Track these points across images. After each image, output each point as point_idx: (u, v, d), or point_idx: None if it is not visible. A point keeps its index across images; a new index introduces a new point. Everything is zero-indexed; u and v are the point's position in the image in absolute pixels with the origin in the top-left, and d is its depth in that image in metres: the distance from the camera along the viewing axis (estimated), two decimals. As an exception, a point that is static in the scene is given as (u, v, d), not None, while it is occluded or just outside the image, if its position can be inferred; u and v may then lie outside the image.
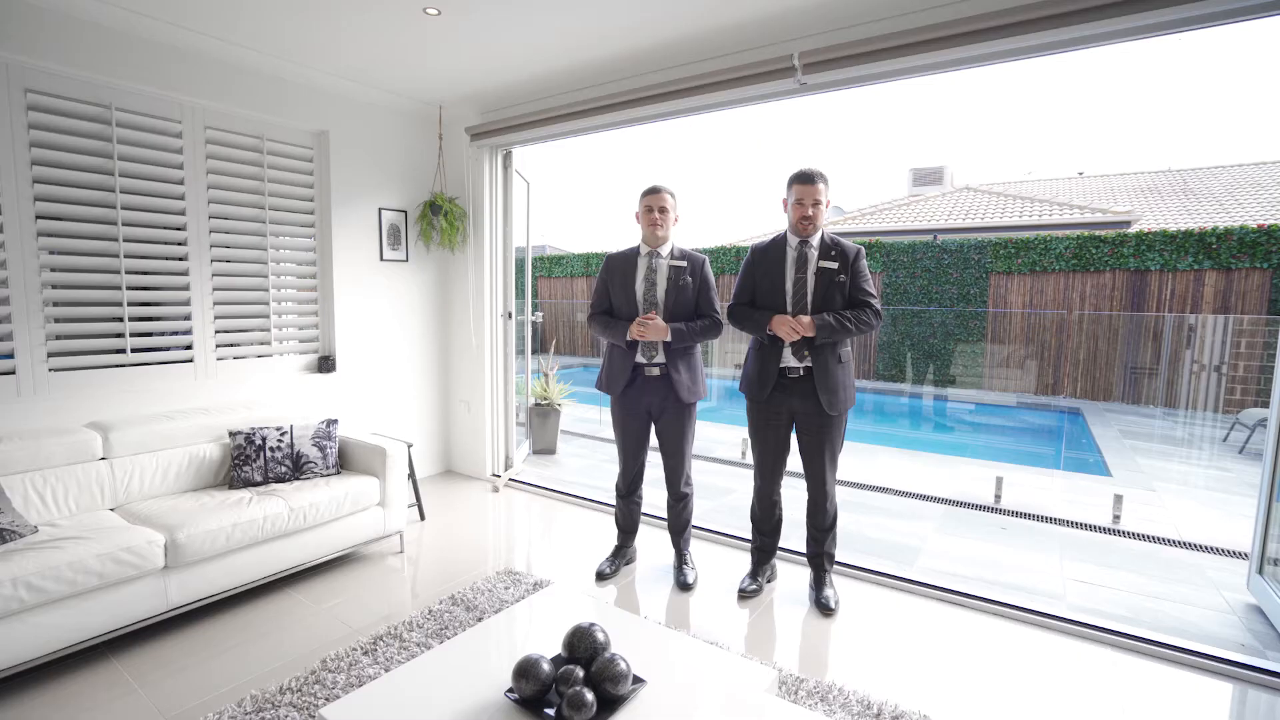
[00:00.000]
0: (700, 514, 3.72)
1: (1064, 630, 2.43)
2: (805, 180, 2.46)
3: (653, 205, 2.67)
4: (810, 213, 2.44)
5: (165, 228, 3.05)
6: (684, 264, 2.70)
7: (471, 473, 4.38)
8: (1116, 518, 3.79)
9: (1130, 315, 8.17)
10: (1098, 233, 8.64)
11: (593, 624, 1.59)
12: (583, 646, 1.54)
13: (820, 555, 2.68)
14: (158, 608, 2.22)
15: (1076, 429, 7.14)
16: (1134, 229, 9.05)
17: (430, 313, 4.30)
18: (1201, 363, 7.17)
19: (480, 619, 2.41)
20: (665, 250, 2.72)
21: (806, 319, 2.44)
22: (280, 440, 2.90)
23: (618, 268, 2.76)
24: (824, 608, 2.56)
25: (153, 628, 2.33)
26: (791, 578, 2.88)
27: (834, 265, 2.45)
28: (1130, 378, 8.13)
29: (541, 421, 5.00)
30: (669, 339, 2.62)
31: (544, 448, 5.04)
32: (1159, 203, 13.13)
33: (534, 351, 5.18)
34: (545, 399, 5.03)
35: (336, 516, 2.78)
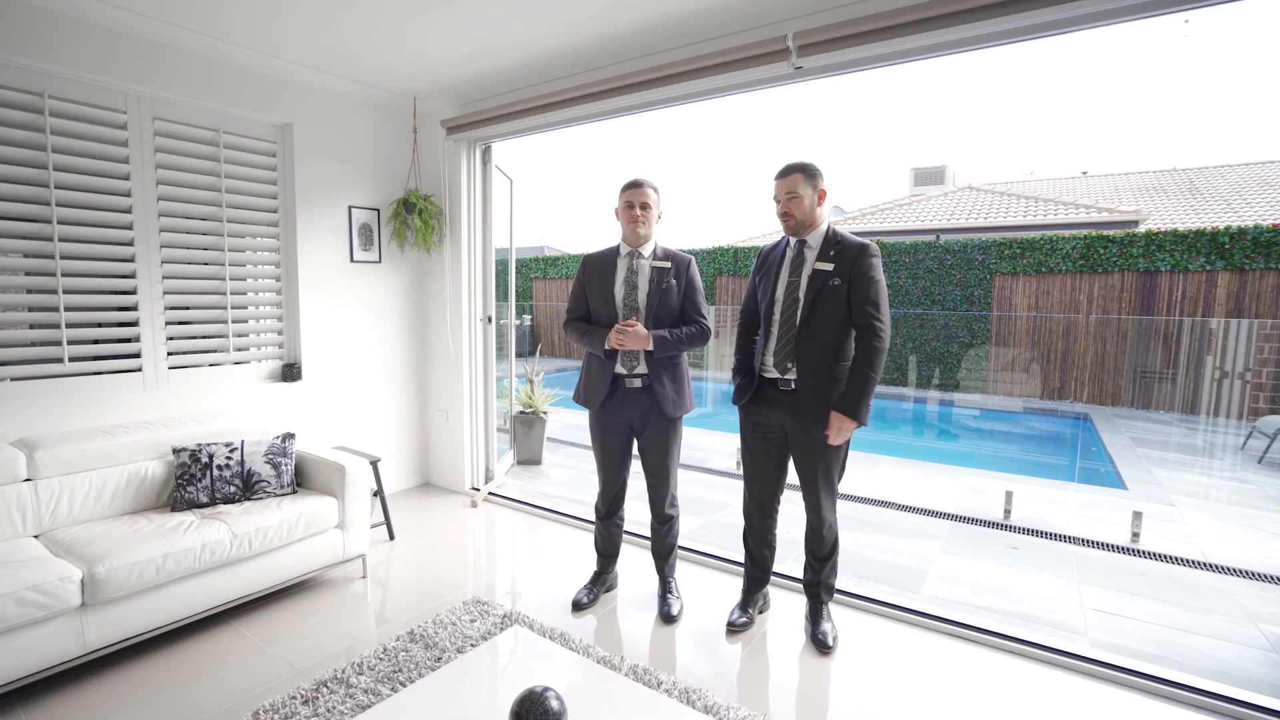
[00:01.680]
0: (689, 531, 3.49)
1: (1087, 672, 2.18)
2: (780, 174, 2.23)
3: (634, 201, 2.43)
4: (786, 208, 2.21)
5: (109, 226, 2.82)
6: (668, 265, 2.47)
7: (450, 486, 4.15)
8: (1135, 535, 3.54)
9: (1142, 319, 7.92)
10: (1105, 232, 8.40)
11: (546, 689, 1.36)
12: (532, 718, 1.31)
13: (817, 586, 2.44)
14: (73, 651, 1.98)
15: (1086, 436, 6.90)
16: (1142, 228, 8.81)
17: (405, 316, 4.06)
18: (1224, 369, 6.89)
19: (440, 658, 2.17)
20: (647, 250, 2.48)
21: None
22: (229, 457, 2.67)
23: (595, 269, 2.52)
24: (821, 644, 2.32)
25: (71, 672, 2.09)
26: (786, 607, 2.64)
27: (828, 267, 2.20)
28: (1140, 382, 7.88)
29: (526, 430, 4.76)
30: (651, 348, 2.38)
31: (528, 458, 4.80)
32: (1165, 202, 12.88)
33: (519, 355, 4.95)
34: (530, 406, 4.79)
35: (288, 542, 2.54)
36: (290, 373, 3.47)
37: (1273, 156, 14.49)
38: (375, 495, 3.27)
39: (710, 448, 5.58)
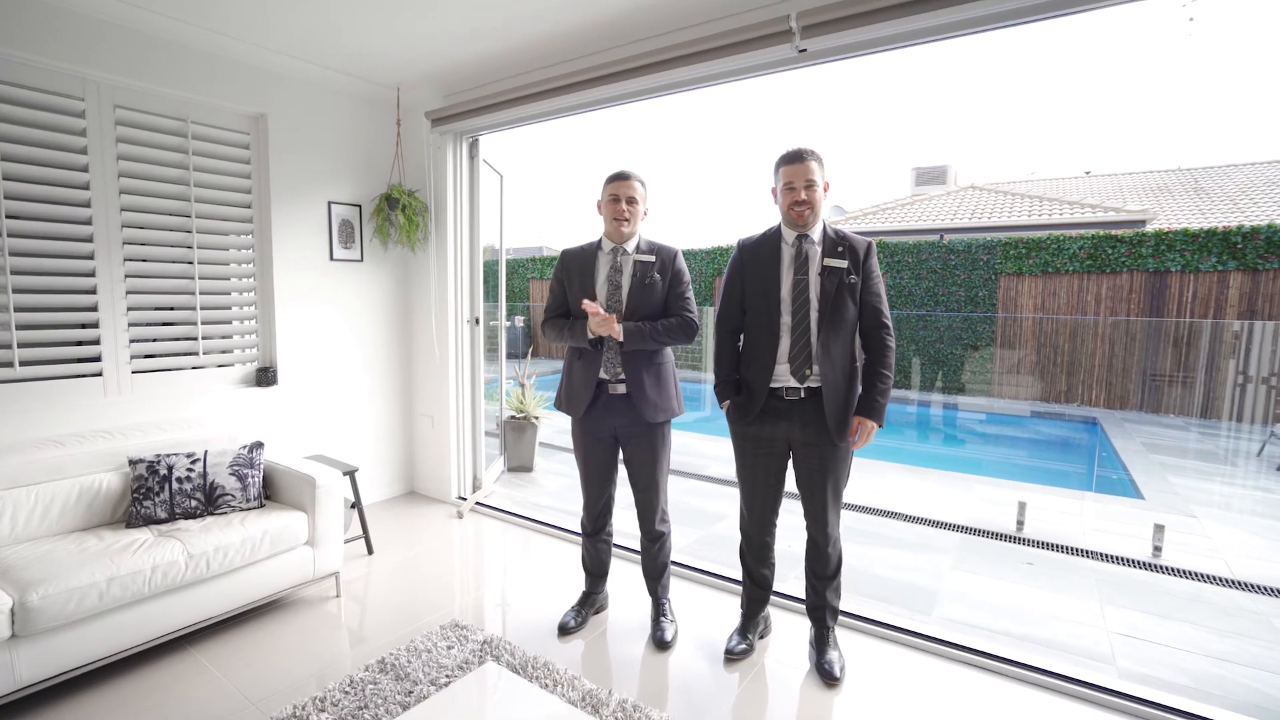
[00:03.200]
0: (685, 545, 3.30)
1: (1119, 708, 1.99)
2: (793, 159, 2.04)
3: (619, 194, 2.24)
4: (804, 196, 2.02)
5: (66, 221, 2.64)
6: (652, 259, 2.28)
7: (436, 495, 3.96)
8: (1157, 550, 3.36)
9: (1151, 321, 7.72)
10: (1113, 232, 8.21)
11: (513, 750, 1.18)
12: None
13: (822, 608, 2.25)
14: (2, 688, 1.80)
15: (1096, 441, 6.71)
16: (1150, 228, 8.63)
17: (389, 317, 3.88)
18: (1247, 373, 6.65)
19: (411, 692, 1.99)
20: (631, 246, 2.30)
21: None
22: (190, 469, 2.48)
23: (575, 265, 2.33)
24: (827, 675, 2.14)
25: (1, 709, 1.90)
26: (788, 631, 2.45)
27: (843, 264, 2.03)
28: (1150, 385, 7.69)
29: (517, 436, 4.58)
30: (620, 339, 2.18)
31: (519, 465, 4.62)
32: (1170, 202, 12.69)
33: (509, 357, 4.77)
34: (521, 411, 4.61)
35: (251, 561, 2.35)
36: (265, 377, 3.29)
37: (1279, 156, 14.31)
38: (352, 507, 3.09)
39: (707, 454, 5.39)
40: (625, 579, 2.83)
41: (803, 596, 2.34)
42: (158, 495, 2.41)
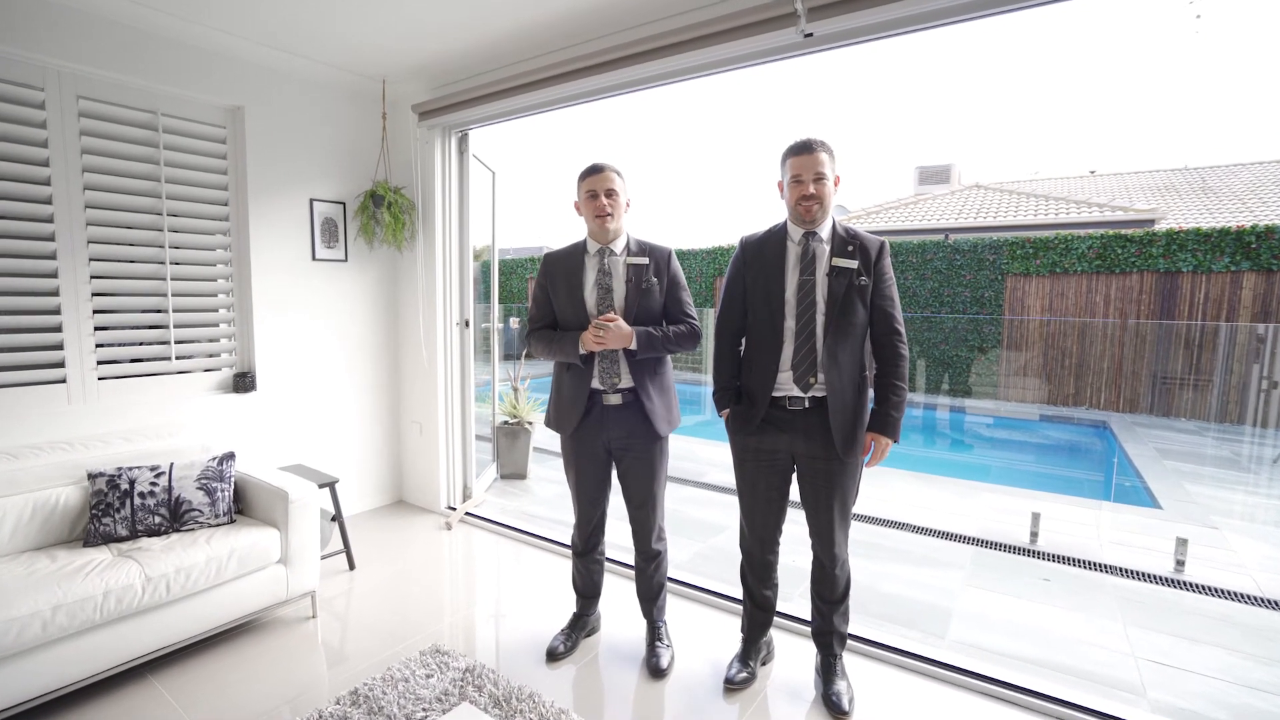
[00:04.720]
0: (683, 560, 3.14)
1: (1153, 747, 1.83)
2: (802, 150, 1.87)
3: (597, 189, 2.06)
4: (813, 190, 1.86)
5: (25, 219, 2.49)
6: (645, 261, 2.11)
7: (425, 504, 3.81)
8: (1180, 565, 3.19)
9: (1163, 323, 7.54)
10: (1123, 231, 8.04)
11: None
12: None
13: (829, 634, 2.09)
14: (-70, 729, 1.65)
15: (1107, 446, 6.53)
16: (1160, 227, 8.45)
17: (375, 320, 3.72)
18: (1272, 378, 6.45)
19: (384, 728, 1.83)
20: (619, 245, 2.13)
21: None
22: (154, 483, 2.32)
23: (560, 271, 2.15)
24: (835, 708, 1.98)
25: (-63, 749, 1.75)
26: (793, 656, 2.29)
27: (852, 264, 1.87)
28: (1160, 388, 7.51)
29: (510, 442, 4.42)
30: (633, 346, 2.03)
31: (512, 472, 4.46)
32: (1177, 202, 12.51)
33: (507, 359, 4.61)
34: (514, 416, 4.45)
35: (218, 582, 2.20)
36: (243, 383, 3.13)
37: (1289, 155, 14.11)
38: (333, 520, 2.93)
39: (707, 459, 5.23)
40: (619, 596, 2.67)
41: (808, 618, 2.19)
42: (118, 511, 2.25)
